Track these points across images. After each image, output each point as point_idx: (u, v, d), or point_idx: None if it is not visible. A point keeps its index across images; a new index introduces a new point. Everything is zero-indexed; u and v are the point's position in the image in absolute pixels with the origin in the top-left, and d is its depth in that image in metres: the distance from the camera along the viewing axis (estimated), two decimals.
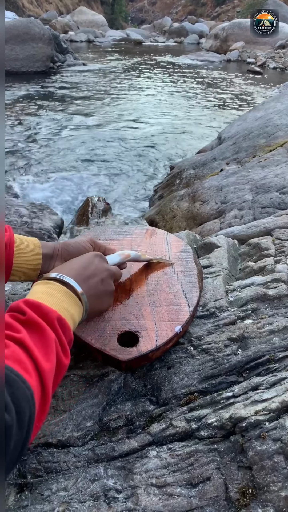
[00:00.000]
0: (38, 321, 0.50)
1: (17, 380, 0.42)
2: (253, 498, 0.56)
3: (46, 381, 0.46)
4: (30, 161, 4.25)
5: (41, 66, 9.89)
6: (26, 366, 0.45)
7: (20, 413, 0.40)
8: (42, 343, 0.49)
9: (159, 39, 28.81)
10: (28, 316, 0.50)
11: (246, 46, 17.24)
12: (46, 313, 0.52)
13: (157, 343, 0.75)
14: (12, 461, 0.40)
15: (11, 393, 0.39)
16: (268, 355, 0.76)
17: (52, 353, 0.49)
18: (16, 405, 0.39)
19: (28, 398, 0.42)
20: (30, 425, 0.42)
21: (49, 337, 0.50)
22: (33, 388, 0.44)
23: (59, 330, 0.53)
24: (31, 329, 0.49)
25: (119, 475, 0.63)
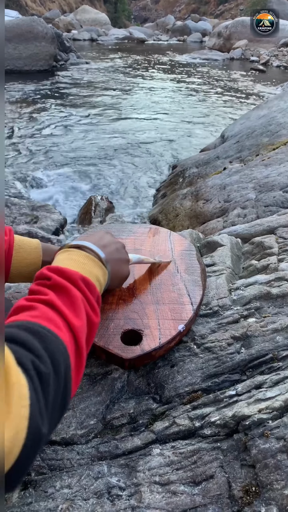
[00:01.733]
0: (63, 283, 0.51)
1: (49, 335, 0.42)
2: (256, 496, 0.56)
3: (79, 337, 0.47)
4: (32, 160, 4.25)
5: (44, 64, 9.89)
6: (57, 323, 0.46)
7: (55, 364, 0.40)
8: (71, 302, 0.50)
9: (162, 37, 28.78)
10: (54, 280, 0.52)
11: (250, 44, 17.18)
12: (69, 275, 0.53)
13: (161, 342, 0.75)
14: (55, 409, 0.40)
15: (44, 347, 0.40)
16: (272, 354, 0.76)
17: (81, 311, 0.50)
18: (50, 357, 0.40)
19: (62, 351, 0.43)
20: (68, 376, 0.43)
21: (76, 296, 0.51)
22: (66, 343, 0.44)
23: (85, 289, 0.54)
24: (57, 291, 0.51)
25: (123, 473, 0.63)
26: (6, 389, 0.32)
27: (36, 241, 0.78)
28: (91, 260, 0.61)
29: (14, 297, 0.99)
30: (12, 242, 0.73)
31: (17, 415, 0.32)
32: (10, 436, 0.30)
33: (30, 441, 0.33)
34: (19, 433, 0.32)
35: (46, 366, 0.39)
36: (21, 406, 0.33)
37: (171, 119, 6.17)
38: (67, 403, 0.43)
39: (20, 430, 0.32)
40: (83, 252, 0.61)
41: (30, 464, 0.35)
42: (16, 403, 0.32)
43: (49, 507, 0.59)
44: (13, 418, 0.31)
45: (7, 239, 0.73)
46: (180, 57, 15.79)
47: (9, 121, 5.53)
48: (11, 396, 0.32)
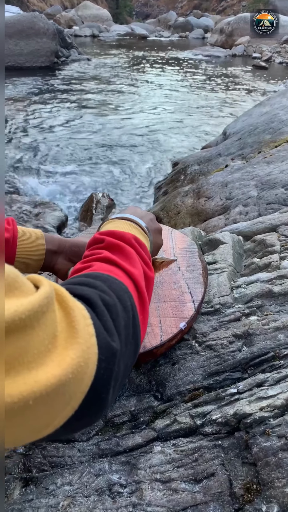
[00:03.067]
0: (117, 242, 0.53)
1: (110, 278, 0.44)
2: (258, 494, 0.56)
3: (139, 284, 0.49)
4: (34, 157, 4.25)
5: (46, 61, 9.85)
6: (117, 272, 0.47)
7: (121, 299, 0.42)
8: (126, 257, 0.52)
9: (164, 33, 28.64)
10: (107, 241, 0.53)
11: (252, 41, 17.09)
12: (122, 236, 0.55)
13: (162, 339, 0.75)
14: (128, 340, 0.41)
15: (108, 285, 0.42)
16: (273, 352, 0.76)
17: (137, 263, 0.52)
18: (115, 293, 0.41)
19: (125, 290, 0.44)
20: (134, 312, 0.44)
21: (131, 251, 0.53)
22: (128, 286, 0.46)
23: (138, 247, 0.56)
24: (112, 250, 0.52)
25: (124, 470, 0.63)
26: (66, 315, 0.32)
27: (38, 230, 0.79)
28: (136, 228, 0.63)
29: None
30: (16, 232, 0.74)
31: (84, 332, 0.32)
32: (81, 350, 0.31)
33: (104, 355, 0.34)
34: (91, 348, 0.32)
35: (112, 298, 0.40)
36: (86, 325, 0.33)
37: (172, 116, 6.15)
38: (138, 338, 0.44)
39: (91, 345, 0.33)
40: (127, 222, 0.63)
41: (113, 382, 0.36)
42: (81, 323, 0.32)
43: (50, 503, 0.59)
44: (81, 335, 0.32)
45: (11, 229, 0.73)
46: (182, 54, 15.72)
47: (10, 117, 5.52)
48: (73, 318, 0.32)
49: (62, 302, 0.33)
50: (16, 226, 0.75)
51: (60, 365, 0.28)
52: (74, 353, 0.30)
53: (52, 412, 0.29)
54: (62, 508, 0.58)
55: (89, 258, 0.51)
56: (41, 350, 0.28)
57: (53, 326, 0.30)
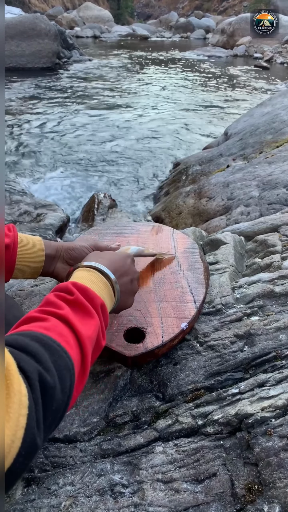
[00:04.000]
0: (85, 303, 0.53)
1: (59, 350, 0.43)
2: (259, 494, 0.56)
3: (86, 355, 0.48)
4: (35, 158, 4.25)
5: (47, 62, 9.86)
6: (68, 339, 0.46)
7: (62, 379, 0.41)
8: (85, 321, 0.51)
9: (165, 34, 28.67)
10: (76, 297, 0.52)
11: (253, 41, 17.08)
12: (92, 298, 0.55)
13: (163, 340, 0.76)
14: (54, 421, 0.41)
15: (54, 360, 0.41)
16: (275, 352, 0.76)
17: (93, 330, 0.51)
18: (58, 372, 0.41)
19: (69, 368, 0.44)
20: (71, 392, 0.44)
21: (93, 318, 0.53)
22: (74, 360, 0.45)
23: (101, 315, 0.55)
24: (76, 308, 0.52)
25: (125, 470, 0.63)
26: (7, 396, 0.32)
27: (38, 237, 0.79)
28: (107, 288, 0.62)
29: (17, 295, 0.99)
30: (16, 238, 0.74)
31: (15, 423, 0.32)
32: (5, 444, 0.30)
33: (24, 450, 0.33)
34: (15, 442, 0.32)
35: (53, 379, 0.39)
36: (20, 414, 0.33)
37: (174, 116, 6.15)
38: (62, 419, 0.44)
39: (16, 439, 0.32)
40: (102, 277, 0.62)
41: (22, 473, 0.35)
42: (15, 411, 0.32)
43: (52, 504, 0.59)
44: (11, 426, 0.31)
45: (12, 235, 0.74)
46: (183, 54, 15.72)
47: (12, 118, 5.53)
48: (11, 404, 0.31)
49: (8, 379, 0.32)
50: (16, 232, 0.75)
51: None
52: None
53: None
54: (64, 508, 0.58)
55: (48, 310, 0.49)
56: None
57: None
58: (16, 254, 0.74)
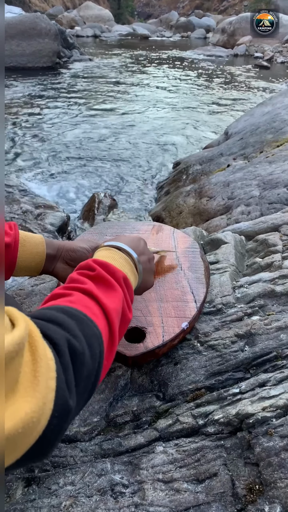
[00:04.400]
0: (107, 277, 0.53)
1: (85, 319, 0.44)
2: (260, 494, 0.56)
3: (113, 325, 0.49)
4: (36, 157, 4.25)
5: (48, 61, 9.86)
6: (94, 310, 0.47)
7: (90, 346, 0.42)
8: (109, 294, 0.52)
9: (165, 33, 28.64)
10: (98, 272, 0.53)
11: (254, 41, 17.06)
12: (113, 272, 0.55)
13: (164, 339, 0.75)
14: (87, 389, 0.42)
15: (81, 328, 0.42)
16: (276, 352, 0.75)
17: (118, 303, 0.52)
18: (86, 338, 0.42)
19: (97, 336, 0.44)
20: (101, 360, 0.44)
21: (117, 290, 0.53)
22: (101, 330, 0.46)
23: (125, 288, 0.56)
24: (99, 282, 0.53)
25: (126, 470, 0.63)
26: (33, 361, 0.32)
27: (39, 235, 0.79)
28: (129, 264, 0.63)
29: (17, 294, 0.99)
30: (18, 236, 0.75)
31: (44, 386, 0.32)
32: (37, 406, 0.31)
33: (58, 412, 0.34)
34: (46, 404, 0.32)
35: (82, 345, 0.40)
36: (48, 378, 0.33)
37: (174, 115, 6.14)
38: (96, 386, 0.44)
39: (48, 401, 0.33)
40: (123, 255, 0.63)
41: (59, 435, 0.36)
42: (43, 375, 0.32)
43: (53, 503, 0.59)
44: (41, 389, 0.32)
45: (13, 233, 0.74)
46: (183, 54, 15.70)
47: (12, 118, 5.53)
48: (38, 368, 0.32)
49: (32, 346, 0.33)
50: (17, 230, 0.75)
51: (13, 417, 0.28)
52: (30, 407, 0.30)
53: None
54: (65, 508, 0.58)
55: (72, 286, 0.50)
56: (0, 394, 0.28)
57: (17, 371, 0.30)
58: (17, 253, 0.74)
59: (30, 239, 0.77)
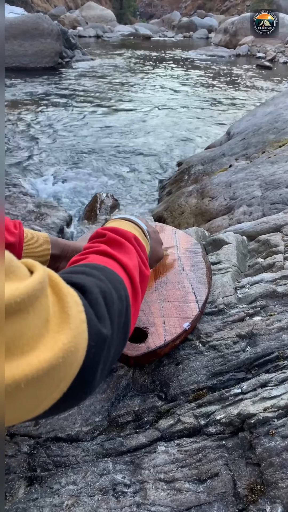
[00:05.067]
0: (118, 238, 0.55)
1: (107, 269, 0.45)
2: (262, 494, 0.56)
3: (133, 277, 0.50)
4: (38, 157, 4.26)
5: (50, 61, 9.87)
6: (113, 264, 0.48)
7: (116, 289, 0.43)
8: (125, 252, 0.53)
9: (168, 34, 28.63)
10: (108, 236, 0.55)
11: (256, 41, 17.03)
12: (123, 233, 0.57)
13: (166, 339, 0.76)
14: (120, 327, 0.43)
15: (104, 275, 0.43)
16: (277, 352, 0.75)
17: (134, 258, 0.53)
18: (111, 282, 0.43)
19: (120, 281, 0.45)
20: (128, 301, 0.45)
21: (130, 248, 0.55)
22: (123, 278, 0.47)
23: (137, 246, 0.57)
24: (112, 244, 0.54)
25: (128, 470, 0.63)
26: (58, 300, 0.33)
27: (44, 234, 0.80)
28: (138, 231, 0.64)
29: None
30: (23, 235, 0.75)
31: (76, 318, 0.33)
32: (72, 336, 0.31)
33: (93, 341, 0.35)
34: (81, 334, 0.33)
35: (108, 286, 0.41)
36: (78, 311, 0.34)
37: (177, 115, 6.14)
38: (129, 327, 0.45)
39: (82, 331, 0.33)
40: (131, 223, 0.64)
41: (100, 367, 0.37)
42: (72, 308, 0.33)
43: (55, 503, 0.59)
44: (72, 321, 0.32)
45: (18, 232, 0.74)
46: (186, 54, 15.70)
47: (15, 118, 5.54)
48: (65, 303, 0.33)
49: (55, 287, 0.33)
50: (22, 229, 0.76)
51: (51, 349, 0.29)
52: (66, 338, 0.31)
53: (43, 394, 0.30)
54: (67, 508, 0.58)
55: (87, 251, 0.52)
56: (35, 334, 0.28)
57: (46, 310, 0.30)
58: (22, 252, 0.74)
59: (35, 238, 0.77)
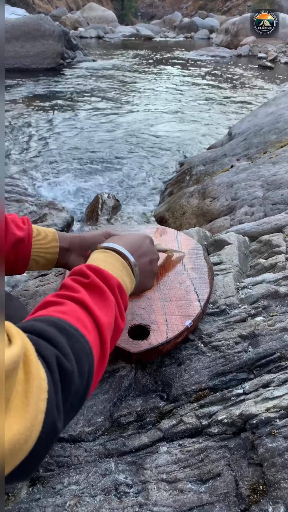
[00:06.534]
0: (100, 285, 0.53)
1: (76, 334, 0.43)
2: (264, 494, 0.56)
3: (105, 338, 0.48)
4: (40, 158, 4.27)
5: (51, 62, 9.89)
6: (85, 323, 0.46)
7: (79, 364, 0.41)
8: (103, 304, 0.51)
9: (169, 34, 28.66)
10: (91, 280, 0.53)
11: (257, 41, 17.01)
12: (108, 279, 0.55)
13: (168, 336, 0.76)
14: (74, 406, 0.41)
15: (71, 345, 0.41)
16: (279, 353, 0.75)
17: (111, 313, 0.52)
18: (75, 356, 0.41)
19: (87, 352, 0.44)
20: (90, 377, 0.44)
21: (109, 299, 0.53)
22: (92, 345, 0.45)
23: (118, 296, 0.55)
24: (92, 291, 0.52)
25: (130, 470, 0.63)
26: (26, 381, 0.32)
27: (52, 230, 0.80)
28: (126, 268, 0.62)
29: (22, 295, 1.00)
30: (31, 232, 0.75)
31: (35, 408, 0.32)
32: (26, 428, 0.31)
33: (45, 434, 0.34)
34: (35, 426, 0.32)
35: (71, 364, 0.40)
36: (39, 399, 0.33)
37: (178, 116, 6.15)
38: (82, 403, 0.44)
39: (37, 423, 0.32)
40: (120, 258, 0.62)
41: (43, 458, 0.36)
42: (35, 396, 0.32)
43: (57, 503, 0.59)
44: (31, 411, 0.31)
45: (26, 228, 0.75)
46: (187, 54, 15.71)
47: (16, 119, 5.55)
48: (30, 388, 0.32)
49: (26, 364, 0.33)
50: (31, 225, 0.76)
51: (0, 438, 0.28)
52: (18, 429, 0.30)
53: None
54: (69, 508, 0.58)
55: (65, 294, 0.50)
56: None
57: (10, 390, 0.30)
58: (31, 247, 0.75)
59: (43, 234, 0.77)
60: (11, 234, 0.71)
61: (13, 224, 0.72)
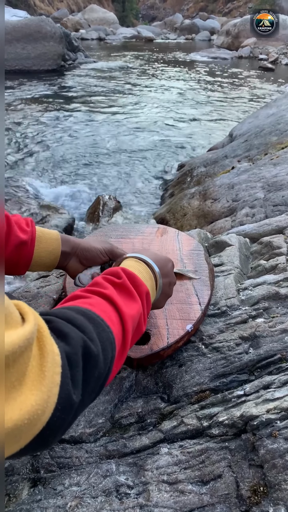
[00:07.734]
0: (131, 288, 0.55)
1: (102, 324, 0.45)
2: (264, 496, 0.56)
3: (127, 332, 0.50)
4: (41, 160, 4.27)
5: (52, 64, 9.91)
6: (111, 316, 0.48)
7: (104, 350, 0.44)
8: (130, 303, 0.53)
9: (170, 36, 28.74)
10: (123, 281, 0.55)
11: (258, 42, 17.04)
12: (139, 285, 0.57)
13: (169, 341, 0.76)
14: (95, 389, 0.44)
15: (98, 332, 0.44)
16: (280, 354, 0.76)
17: (136, 312, 0.54)
18: (101, 343, 0.43)
19: (111, 341, 0.46)
20: (111, 364, 0.46)
21: (137, 302, 0.55)
22: (115, 336, 0.47)
23: (145, 302, 0.58)
24: (122, 291, 0.54)
25: (131, 471, 0.63)
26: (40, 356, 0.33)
27: (55, 232, 0.81)
28: (152, 281, 0.64)
29: (23, 296, 1.00)
30: (34, 234, 0.76)
31: (51, 381, 0.34)
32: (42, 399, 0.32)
33: (61, 405, 0.35)
34: (51, 398, 0.34)
35: (97, 348, 0.42)
36: (54, 373, 0.34)
37: (179, 117, 6.16)
38: (103, 388, 0.46)
39: (52, 395, 0.34)
40: (149, 271, 0.64)
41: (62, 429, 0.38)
42: (50, 370, 0.34)
43: (58, 504, 0.59)
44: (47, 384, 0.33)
45: (30, 230, 0.76)
46: (188, 56, 15.73)
47: (17, 121, 5.56)
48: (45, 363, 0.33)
49: (40, 341, 0.34)
50: (34, 227, 0.77)
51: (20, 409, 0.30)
52: (35, 400, 0.31)
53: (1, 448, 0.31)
54: (70, 509, 0.59)
55: (93, 289, 0.52)
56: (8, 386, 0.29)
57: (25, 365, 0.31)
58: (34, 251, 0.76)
59: (46, 236, 0.78)
60: (14, 236, 0.72)
61: (17, 226, 0.73)
